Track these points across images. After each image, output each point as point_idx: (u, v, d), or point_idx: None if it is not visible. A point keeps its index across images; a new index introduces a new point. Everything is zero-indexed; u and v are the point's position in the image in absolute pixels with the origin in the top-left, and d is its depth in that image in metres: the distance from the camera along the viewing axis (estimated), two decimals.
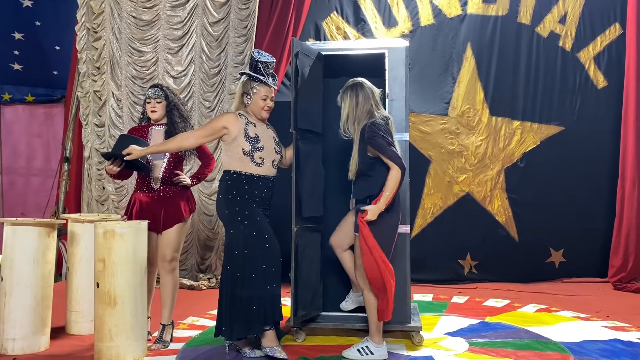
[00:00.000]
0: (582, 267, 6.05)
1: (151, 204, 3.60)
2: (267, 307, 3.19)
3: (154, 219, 3.56)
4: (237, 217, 3.24)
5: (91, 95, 6.05)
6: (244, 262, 3.20)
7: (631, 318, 4.35)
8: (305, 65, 3.66)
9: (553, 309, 4.66)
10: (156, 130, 3.69)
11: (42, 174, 7.59)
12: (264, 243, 3.21)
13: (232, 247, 3.24)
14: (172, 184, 3.63)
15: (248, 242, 3.20)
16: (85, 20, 6.03)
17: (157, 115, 3.66)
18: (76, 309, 3.91)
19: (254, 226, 3.22)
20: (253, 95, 3.39)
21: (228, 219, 3.29)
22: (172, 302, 3.67)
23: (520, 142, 6.12)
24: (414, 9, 6.16)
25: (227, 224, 3.32)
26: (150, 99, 3.66)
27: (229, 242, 3.27)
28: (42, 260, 3.52)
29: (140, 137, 3.63)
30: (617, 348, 3.51)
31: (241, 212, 3.24)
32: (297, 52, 3.61)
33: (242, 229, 3.22)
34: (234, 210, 3.25)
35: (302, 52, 3.66)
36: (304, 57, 3.67)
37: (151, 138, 3.66)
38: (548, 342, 3.62)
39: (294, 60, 3.60)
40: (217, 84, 5.84)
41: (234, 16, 5.85)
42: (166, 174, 3.62)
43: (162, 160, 3.62)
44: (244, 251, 3.20)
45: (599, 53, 6.14)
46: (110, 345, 3.24)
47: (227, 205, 3.28)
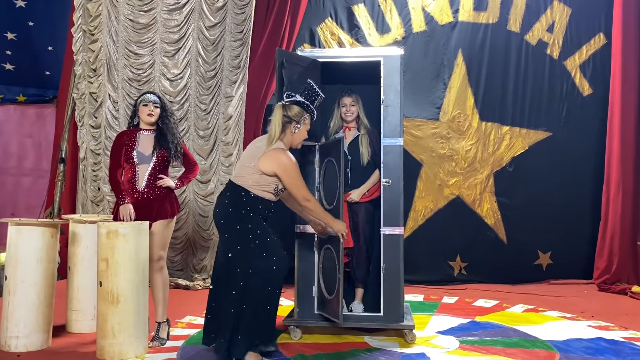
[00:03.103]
0: (569, 269, 6.23)
1: (136, 205, 3.68)
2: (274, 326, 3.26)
3: (139, 220, 3.65)
4: (249, 235, 3.17)
5: (87, 97, 6.11)
6: (262, 282, 3.15)
7: (615, 318, 4.51)
8: (294, 73, 3.73)
9: (540, 309, 4.82)
10: (145, 135, 3.79)
11: (33, 174, 7.57)
12: (272, 265, 3.16)
13: (244, 264, 3.15)
14: (157, 187, 3.73)
15: (258, 263, 3.16)
16: (82, 22, 6.09)
17: (153, 119, 3.75)
18: (77, 307, 3.98)
19: (264, 247, 3.17)
20: (302, 126, 3.31)
21: (237, 235, 3.20)
22: (165, 299, 3.77)
23: (509, 147, 6.28)
24: (407, 16, 6.30)
25: (235, 239, 3.20)
26: (149, 102, 3.75)
27: (238, 258, 3.16)
28: (46, 259, 3.59)
29: (129, 141, 3.74)
30: (601, 346, 3.66)
31: (253, 230, 3.18)
32: (282, 61, 3.68)
33: (252, 248, 3.16)
34: (246, 227, 3.18)
35: (290, 61, 3.73)
36: (292, 66, 3.74)
37: (139, 143, 3.76)
38: (535, 341, 3.76)
39: (279, 70, 3.68)
40: (213, 87, 5.93)
41: (230, 20, 5.94)
42: (151, 177, 3.73)
43: (148, 165, 3.73)
44: (259, 271, 3.15)
45: (584, 61, 6.33)
46: (112, 342, 3.32)
47: (239, 220, 3.20)
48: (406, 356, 3.41)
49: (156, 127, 3.79)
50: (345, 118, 4.16)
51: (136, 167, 3.72)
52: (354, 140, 4.16)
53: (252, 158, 3.25)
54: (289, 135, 3.29)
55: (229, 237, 3.23)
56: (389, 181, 3.74)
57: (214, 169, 5.92)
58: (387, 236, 3.73)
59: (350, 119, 4.17)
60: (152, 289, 3.75)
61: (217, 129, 5.95)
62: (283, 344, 3.66)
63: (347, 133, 4.19)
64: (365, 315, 3.74)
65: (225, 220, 3.24)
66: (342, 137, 3.79)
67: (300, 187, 3.23)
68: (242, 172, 3.27)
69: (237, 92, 5.91)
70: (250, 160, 3.25)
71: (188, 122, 5.90)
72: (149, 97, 3.79)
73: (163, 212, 3.74)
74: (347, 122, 4.18)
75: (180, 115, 5.86)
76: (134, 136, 3.78)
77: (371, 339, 3.74)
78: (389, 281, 3.72)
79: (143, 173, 3.72)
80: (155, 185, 3.73)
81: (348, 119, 4.16)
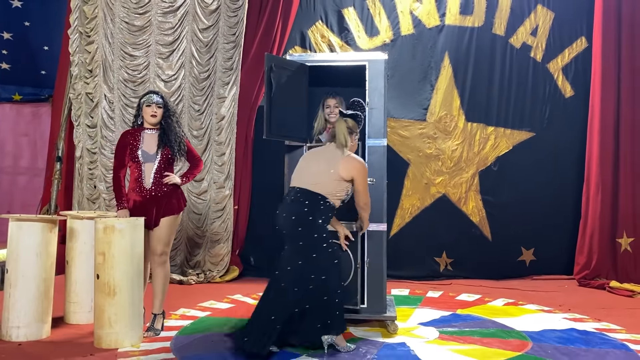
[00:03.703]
0: (551, 265, 6.42)
1: (144, 202, 3.86)
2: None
3: (147, 217, 3.82)
4: (324, 244, 3.48)
5: (83, 97, 6.26)
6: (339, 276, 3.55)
7: (590, 311, 4.71)
8: (282, 76, 3.92)
9: (520, 302, 5.02)
10: (149, 134, 3.94)
11: (28, 173, 7.65)
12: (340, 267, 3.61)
13: (320, 270, 3.43)
14: (163, 184, 3.89)
15: (332, 268, 3.49)
16: (78, 24, 6.24)
17: (156, 120, 3.91)
18: (74, 300, 4.15)
19: (336, 254, 3.57)
20: (357, 135, 3.74)
21: (313, 243, 3.45)
22: (163, 293, 3.95)
23: (494, 147, 6.47)
24: (395, 19, 6.48)
25: (312, 248, 3.45)
26: (152, 103, 3.89)
27: (314, 265, 3.42)
28: (45, 253, 3.76)
29: (133, 140, 3.89)
30: (573, 336, 3.87)
31: (327, 239, 3.51)
32: (271, 65, 3.87)
33: (327, 256, 3.47)
34: (321, 236, 3.48)
35: (278, 66, 3.92)
36: (281, 70, 3.92)
37: (143, 142, 3.91)
38: (511, 331, 3.97)
39: (268, 74, 3.86)
40: (206, 88, 6.10)
41: (223, 23, 6.11)
42: (157, 175, 3.88)
43: (153, 163, 3.88)
44: (338, 269, 3.53)
45: (566, 64, 6.52)
46: (109, 332, 3.51)
47: (315, 229, 3.47)
48: (387, 345, 3.60)
49: (159, 125, 3.94)
50: (329, 119, 4.32)
51: (142, 165, 3.86)
52: None
53: (331, 166, 3.54)
54: (349, 144, 3.64)
55: (304, 244, 3.46)
56: (373, 180, 3.92)
57: (207, 168, 6.09)
58: (371, 232, 3.92)
59: (333, 120, 4.30)
60: (153, 282, 3.93)
61: (210, 129, 6.12)
62: None
63: None
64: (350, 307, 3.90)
65: (303, 228, 3.46)
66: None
67: (367, 190, 3.65)
68: (321, 179, 3.52)
69: (229, 93, 6.08)
70: (328, 167, 3.54)
71: (181, 121, 6.05)
72: (152, 97, 3.91)
73: (170, 208, 3.91)
74: (331, 123, 4.33)
75: None
76: (138, 135, 3.92)
77: (355, 330, 3.93)
78: (372, 275, 3.90)
79: (149, 171, 3.87)
80: (161, 183, 3.88)
81: (332, 120, 4.30)
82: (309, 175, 3.56)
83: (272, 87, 3.82)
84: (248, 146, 6.21)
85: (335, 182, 3.52)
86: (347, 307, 3.75)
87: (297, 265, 3.42)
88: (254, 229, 6.27)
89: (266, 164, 6.08)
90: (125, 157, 3.90)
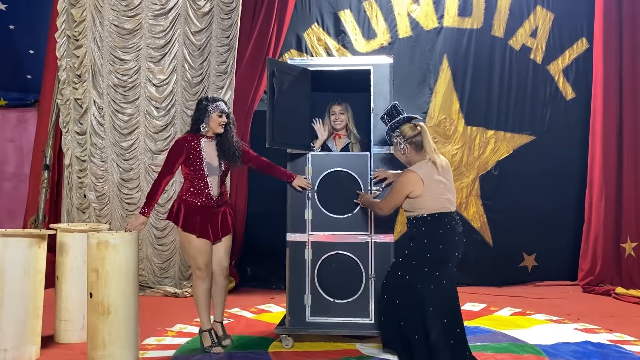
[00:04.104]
0: (553, 270, 6.32)
1: (210, 213, 3.70)
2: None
3: (214, 228, 3.70)
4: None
5: (72, 103, 6.04)
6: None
7: (600, 320, 4.59)
8: (284, 82, 3.74)
9: (527, 312, 4.88)
10: (207, 143, 3.74)
11: (14, 179, 7.47)
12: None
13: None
14: (224, 193, 3.81)
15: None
16: (66, 27, 6.02)
17: (222, 130, 3.72)
18: (65, 317, 3.95)
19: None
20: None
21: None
22: (225, 300, 3.93)
23: (494, 151, 6.35)
24: (392, 22, 6.34)
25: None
26: (222, 113, 3.70)
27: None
28: (33, 270, 3.55)
29: (193, 150, 3.68)
30: (589, 350, 3.73)
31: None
32: (273, 70, 3.68)
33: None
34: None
35: (280, 70, 3.74)
36: (282, 75, 3.75)
37: (204, 152, 3.70)
38: (524, 345, 3.82)
39: (270, 79, 3.68)
40: (199, 92, 5.90)
41: (217, 26, 5.93)
42: (221, 184, 3.76)
43: (217, 175, 3.73)
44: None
45: (567, 66, 6.42)
46: (103, 354, 3.30)
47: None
48: None
49: (218, 134, 3.75)
50: (334, 126, 4.19)
51: (207, 178, 3.69)
52: (345, 148, 4.19)
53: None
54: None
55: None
56: (379, 189, 3.77)
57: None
58: (377, 244, 3.76)
59: (339, 127, 4.19)
60: (216, 292, 3.84)
61: None
62: (275, 352, 3.67)
63: (338, 141, 4.22)
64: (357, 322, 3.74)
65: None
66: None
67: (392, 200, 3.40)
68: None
69: (224, 97, 5.88)
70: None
71: (174, 128, 5.86)
72: (224, 107, 3.73)
73: (231, 222, 3.83)
74: (337, 129, 4.21)
75: (166, 122, 5.84)
76: (198, 144, 3.70)
77: (363, 347, 3.76)
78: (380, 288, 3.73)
79: (214, 182, 3.73)
80: (223, 192, 3.80)
81: (337, 127, 4.19)
82: (446, 191, 3.31)
83: (275, 93, 3.64)
84: None
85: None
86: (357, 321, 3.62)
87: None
88: (250, 239, 6.08)
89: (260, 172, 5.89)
90: (176, 164, 3.69)
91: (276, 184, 4.02)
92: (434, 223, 3.24)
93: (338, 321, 3.77)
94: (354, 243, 3.78)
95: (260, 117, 5.07)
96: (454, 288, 3.27)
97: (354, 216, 3.78)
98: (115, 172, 5.88)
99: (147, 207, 3.64)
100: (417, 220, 3.28)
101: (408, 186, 3.25)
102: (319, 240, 3.80)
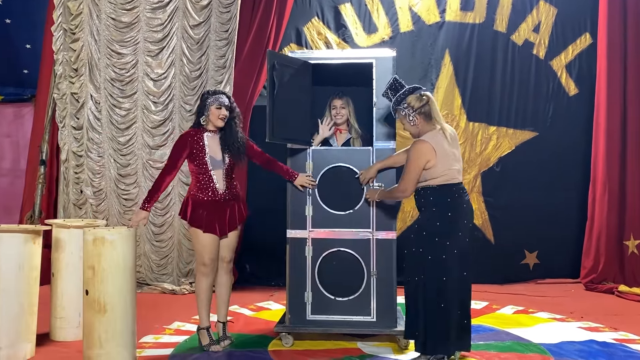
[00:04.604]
0: (555, 268, 6.26)
1: (217, 207, 3.62)
2: None
3: (221, 222, 3.62)
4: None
5: (68, 97, 5.96)
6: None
7: (604, 319, 4.52)
8: (285, 75, 3.67)
9: (530, 310, 4.82)
10: (210, 137, 3.66)
11: (10, 174, 7.42)
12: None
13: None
14: (233, 187, 3.69)
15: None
16: (62, 20, 5.94)
17: (224, 124, 3.65)
18: (61, 315, 3.87)
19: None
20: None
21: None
22: (229, 299, 3.82)
23: (496, 147, 6.28)
24: (394, 16, 6.26)
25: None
26: (222, 106, 3.63)
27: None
28: (28, 266, 3.48)
29: (197, 145, 3.61)
30: (594, 349, 3.66)
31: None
32: (273, 63, 3.60)
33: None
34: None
35: (281, 63, 3.66)
36: (283, 68, 3.67)
37: (207, 147, 3.63)
38: (528, 344, 3.76)
39: (270, 72, 3.61)
40: (198, 87, 5.82)
41: (215, 19, 5.84)
42: (227, 178, 3.66)
43: (222, 169, 3.64)
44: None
45: (570, 61, 6.34)
46: (99, 352, 3.23)
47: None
48: None
49: (221, 128, 3.68)
50: (335, 120, 4.11)
51: (210, 172, 3.61)
52: (346, 144, 4.11)
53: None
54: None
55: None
56: (381, 185, 3.70)
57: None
58: (379, 241, 3.69)
59: (340, 121, 4.11)
60: (219, 289, 3.76)
61: None
62: (275, 351, 3.61)
63: (339, 136, 4.14)
64: (358, 320, 3.67)
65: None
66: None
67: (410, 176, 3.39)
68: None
69: None
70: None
71: (172, 123, 5.78)
72: (223, 99, 3.65)
73: (241, 215, 3.74)
74: (338, 124, 4.13)
75: (164, 117, 5.76)
76: (201, 139, 3.64)
77: (364, 345, 3.70)
78: (381, 286, 3.68)
79: (219, 177, 3.64)
80: (232, 186, 3.69)
81: (338, 121, 4.11)
82: (457, 162, 3.35)
83: (275, 87, 3.56)
84: None
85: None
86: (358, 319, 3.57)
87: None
88: (249, 235, 5.99)
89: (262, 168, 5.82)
90: (180, 160, 3.63)
91: (276, 179, 3.95)
92: (442, 193, 3.27)
93: (339, 319, 3.71)
94: (355, 240, 3.71)
95: (260, 112, 4.99)
96: (467, 258, 3.29)
97: (355, 213, 3.71)
98: (112, 167, 5.81)
99: (148, 202, 3.57)
100: (426, 190, 3.30)
101: (424, 156, 3.24)
102: (319, 237, 3.73)
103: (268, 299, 5.25)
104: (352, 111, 4.11)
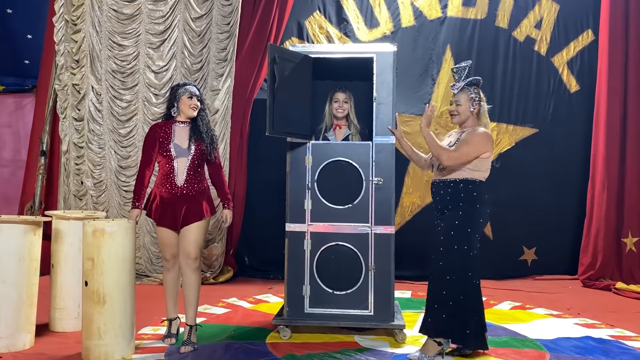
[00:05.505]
0: (553, 264, 6.28)
1: (173, 200, 3.55)
2: None
3: (174, 216, 3.54)
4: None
5: (69, 89, 5.97)
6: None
7: (600, 315, 4.55)
8: (285, 69, 3.66)
9: (527, 306, 4.84)
10: (180, 127, 3.63)
11: (11, 165, 7.43)
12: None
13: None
14: (196, 183, 3.60)
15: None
16: (64, 11, 5.94)
17: (196, 113, 3.62)
18: (60, 306, 3.89)
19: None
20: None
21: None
22: (197, 302, 3.63)
23: (496, 143, 6.27)
24: (396, 11, 6.25)
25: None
26: (193, 96, 3.61)
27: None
28: (28, 257, 3.49)
29: (164, 134, 3.59)
30: (590, 345, 3.68)
31: None
32: (274, 57, 3.60)
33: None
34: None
35: (281, 57, 3.66)
36: (284, 62, 3.66)
37: (175, 135, 3.60)
38: (525, 340, 3.77)
39: (271, 66, 3.60)
40: (199, 79, 5.83)
41: (217, 12, 5.84)
42: (190, 172, 3.57)
43: (187, 158, 3.57)
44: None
45: (572, 58, 6.34)
46: (98, 343, 3.25)
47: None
48: (397, 357, 3.39)
49: (192, 119, 3.65)
50: (336, 114, 4.09)
51: (174, 160, 3.56)
52: (345, 140, 4.10)
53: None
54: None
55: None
56: (381, 180, 3.71)
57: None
58: (378, 235, 3.71)
59: (341, 116, 4.10)
60: (186, 289, 3.59)
61: None
62: (272, 343, 3.63)
63: (338, 131, 4.13)
64: (356, 314, 3.69)
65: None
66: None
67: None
68: None
69: (223, 85, 5.82)
70: None
71: None
72: (193, 89, 3.63)
73: (200, 211, 3.57)
74: (338, 118, 4.11)
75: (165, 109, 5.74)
76: (169, 129, 3.62)
77: (361, 339, 3.71)
78: (379, 280, 3.70)
79: (182, 167, 3.56)
80: (194, 181, 3.57)
81: (339, 116, 4.09)
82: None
83: (276, 80, 3.56)
84: (243, 141, 5.93)
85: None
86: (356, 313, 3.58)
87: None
88: (248, 228, 6.03)
89: (262, 161, 5.84)
90: (154, 152, 3.60)
91: (275, 174, 3.96)
92: (482, 189, 3.31)
93: (337, 313, 3.72)
94: (354, 234, 3.72)
95: (260, 106, 5.00)
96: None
97: (354, 207, 3.72)
98: (113, 159, 5.82)
99: (137, 201, 3.59)
100: (467, 183, 3.28)
101: (487, 145, 3.29)
102: (318, 231, 3.75)
103: (267, 292, 5.27)
104: (352, 106, 4.10)
